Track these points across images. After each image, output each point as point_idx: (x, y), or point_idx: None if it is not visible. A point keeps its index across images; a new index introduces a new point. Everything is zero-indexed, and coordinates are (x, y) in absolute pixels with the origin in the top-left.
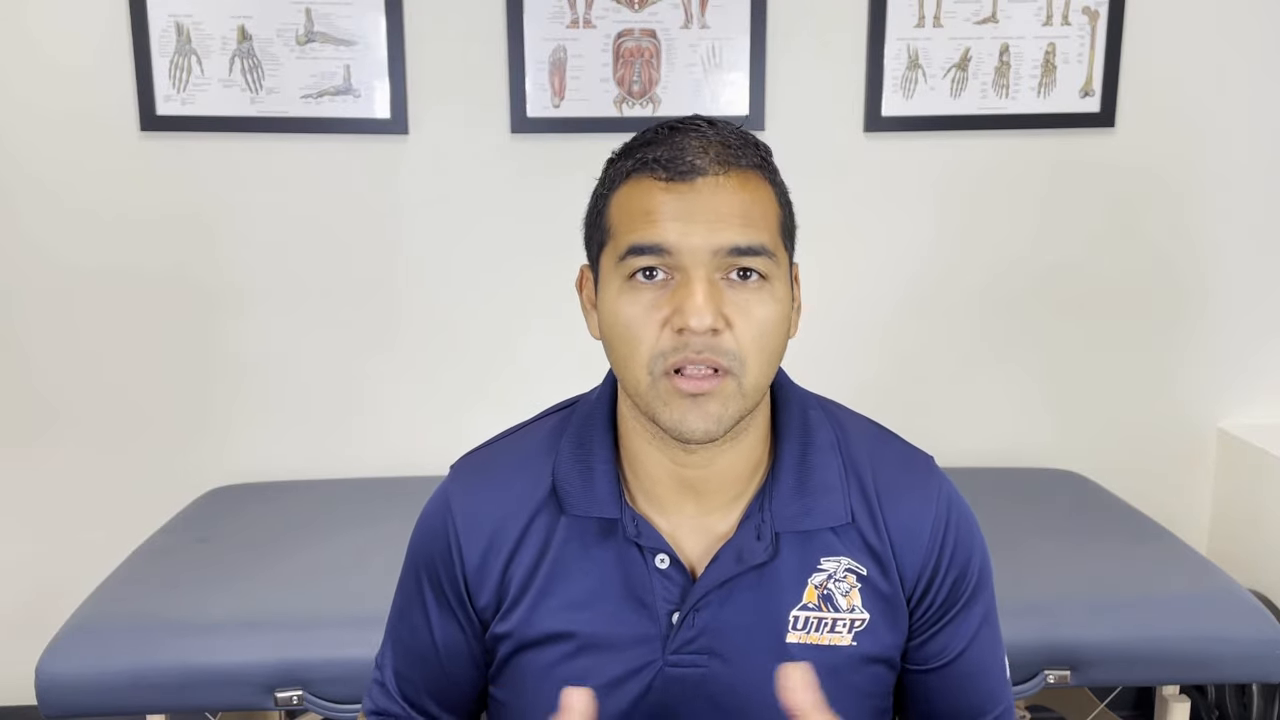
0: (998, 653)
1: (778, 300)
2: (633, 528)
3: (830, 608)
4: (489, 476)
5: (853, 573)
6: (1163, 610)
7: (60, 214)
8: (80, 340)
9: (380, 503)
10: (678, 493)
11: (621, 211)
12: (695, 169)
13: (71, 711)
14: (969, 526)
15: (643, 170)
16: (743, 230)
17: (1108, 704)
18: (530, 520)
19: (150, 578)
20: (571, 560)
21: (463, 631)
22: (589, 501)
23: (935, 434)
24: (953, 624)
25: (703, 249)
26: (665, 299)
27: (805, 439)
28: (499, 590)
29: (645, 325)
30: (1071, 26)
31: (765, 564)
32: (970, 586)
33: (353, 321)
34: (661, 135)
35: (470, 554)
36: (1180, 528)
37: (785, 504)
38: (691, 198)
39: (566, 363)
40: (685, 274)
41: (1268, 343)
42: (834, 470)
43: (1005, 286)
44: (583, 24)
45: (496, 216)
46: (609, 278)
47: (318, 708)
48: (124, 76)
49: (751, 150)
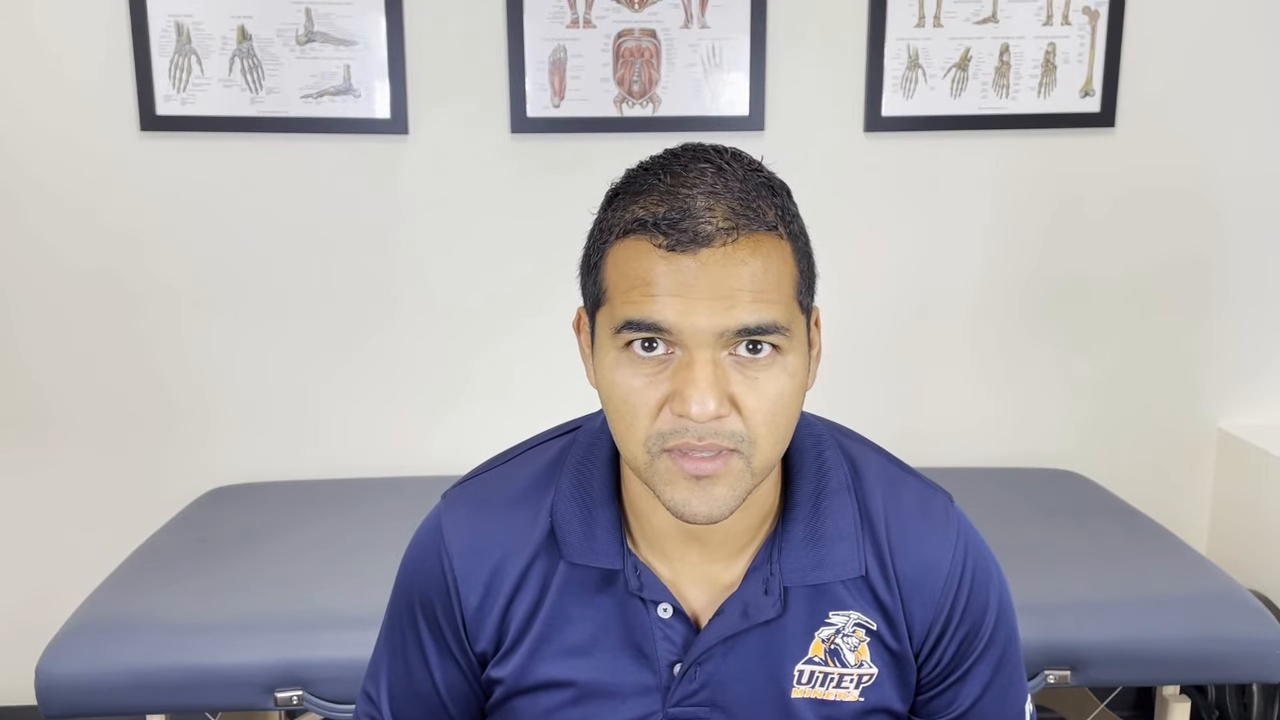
0: (1016, 705)
1: (792, 374)
2: (635, 580)
3: (837, 663)
4: (485, 512)
5: (862, 627)
6: (1163, 610)
7: (60, 214)
8: (80, 340)
9: (381, 503)
10: (682, 542)
11: (618, 273)
12: (699, 237)
13: (71, 711)
14: (985, 577)
15: (641, 232)
16: (752, 308)
17: (1108, 704)
18: (529, 563)
19: (150, 578)
20: (571, 606)
21: (463, 674)
22: (589, 552)
23: (935, 434)
24: (963, 680)
25: (706, 330)
26: (665, 376)
27: (820, 483)
28: (498, 634)
29: (643, 402)
30: (1071, 26)
31: (772, 620)
32: (983, 641)
33: (353, 321)
34: (664, 182)
35: (469, 596)
36: (1180, 528)
37: (796, 556)
38: (695, 271)
39: (566, 362)
40: (688, 353)
41: (1267, 343)
42: (848, 517)
43: (1005, 286)
44: (583, 24)
45: (496, 216)
46: (605, 343)
47: (318, 708)
48: (124, 76)
49: (767, 203)
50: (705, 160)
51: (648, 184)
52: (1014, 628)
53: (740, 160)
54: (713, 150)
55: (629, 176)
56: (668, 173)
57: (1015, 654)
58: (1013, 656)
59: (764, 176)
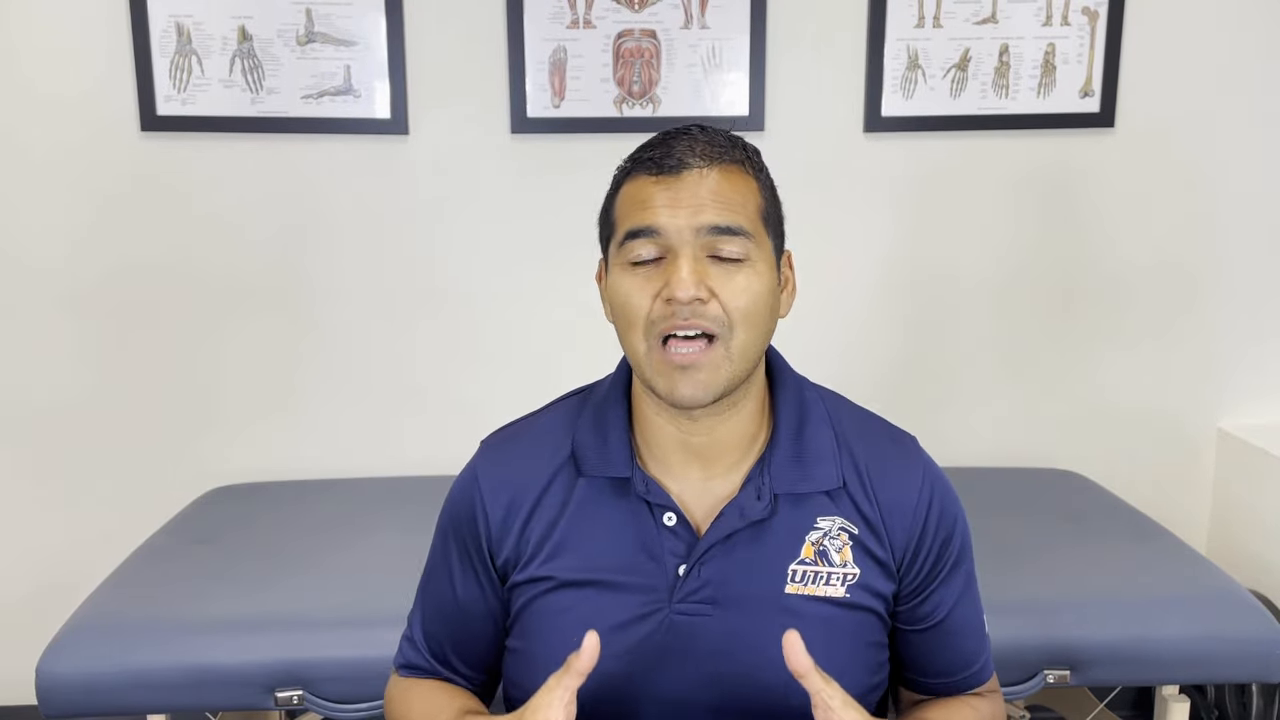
0: (979, 610)
1: (759, 275)
2: (643, 486)
3: (825, 562)
4: (513, 448)
5: (845, 531)
6: (1163, 610)
7: (60, 214)
8: (80, 340)
9: (381, 503)
10: (684, 458)
11: (622, 205)
12: (682, 164)
13: (71, 711)
14: (951, 498)
15: (639, 169)
16: (721, 212)
17: (1107, 704)
18: (550, 481)
19: (150, 578)
20: (587, 516)
21: (482, 589)
22: (604, 463)
23: (935, 433)
24: (941, 587)
25: (686, 228)
26: (658, 276)
27: (801, 413)
28: (518, 545)
29: (641, 298)
30: (1071, 27)
31: (765, 521)
32: (954, 552)
33: (352, 321)
34: (658, 140)
35: (494, 514)
36: (1180, 528)
37: (783, 469)
38: (678, 187)
39: (567, 362)
40: (674, 253)
41: (1267, 343)
42: (827, 441)
43: (1005, 286)
44: (583, 24)
45: (496, 217)
46: (615, 263)
47: (318, 708)
48: (124, 76)
49: (738, 149)
50: (695, 128)
51: (646, 145)
52: (973, 557)
53: (722, 131)
54: (700, 126)
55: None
56: (663, 135)
57: (975, 578)
58: (974, 580)
59: (740, 143)
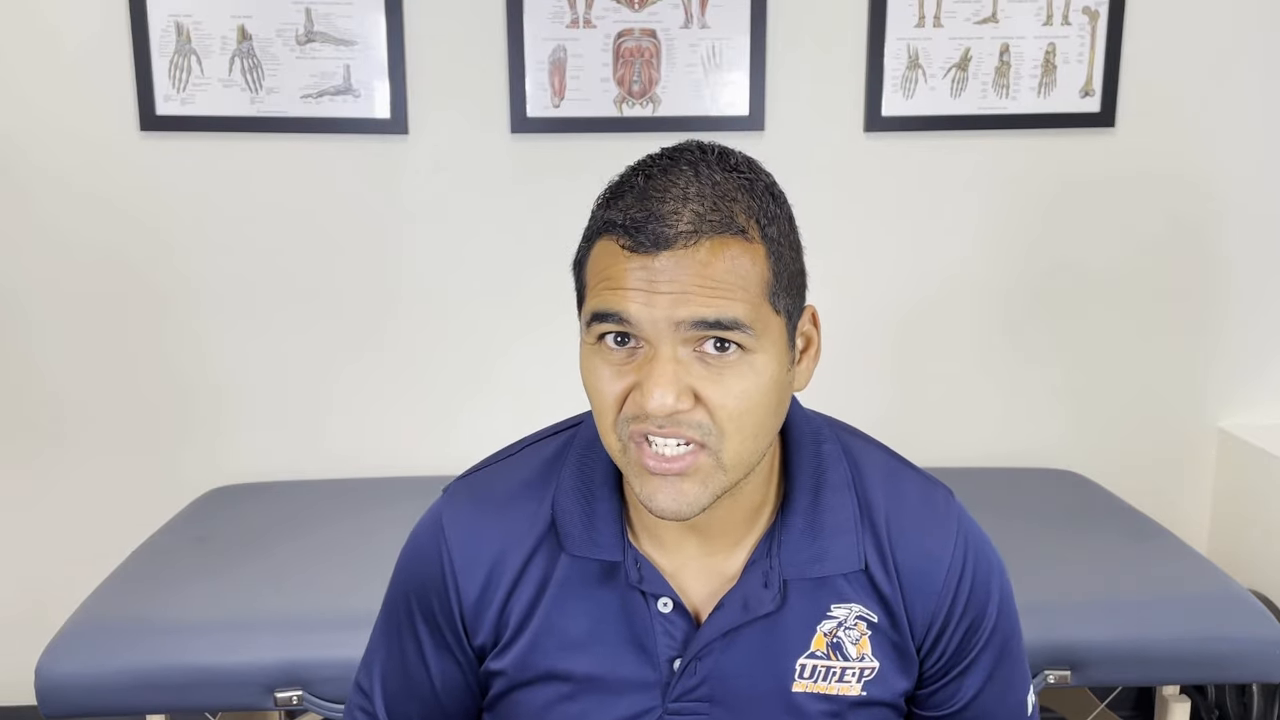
0: (1018, 695)
1: (759, 372)
2: (636, 573)
3: (839, 656)
4: (486, 505)
5: (863, 620)
6: (1163, 610)
7: (60, 214)
8: (79, 340)
9: (380, 503)
10: (680, 533)
11: (593, 270)
12: (660, 240)
13: (71, 711)
14: (986, 569)
15: (611, 232)
16: (710, 302)
17: (1108, 704)
18: (530, 556)
19: (150, 578)
20: (571, 599)
21: (460, 669)
22: (591, 544)
23: (935, 434)
24: (966, 672)
25: (664, 322)
26: (631, 368)
27: (819, 476)
28: (497, 627)
29: (611, 390)
30: (1071, 26)
31: (772, 613)
32: (986, 633)
33: (352, 321)
34: (639, 185)
35: (467, 588)
36: (1180, 528)
37: (795, 549)
38: (655, 269)
39: (565, 363)
40: (651, 348)
41: (1267, 343)
42: (848, 512)
43: (1005, 287)
44: (583, 24)
45: (496, 217)
46: (584, 336)
47: (318, 708)
48: (124, 76)
49: (741, 205)
50: (687, 162)
51: (628, 185)
52: (1015, 619)
53: (725, 161)
54: (699, 150)
55: (616, 178)
56: (647, 175)
57: (1018, 645)
58: (1015, 648)
59: (746, 178)
